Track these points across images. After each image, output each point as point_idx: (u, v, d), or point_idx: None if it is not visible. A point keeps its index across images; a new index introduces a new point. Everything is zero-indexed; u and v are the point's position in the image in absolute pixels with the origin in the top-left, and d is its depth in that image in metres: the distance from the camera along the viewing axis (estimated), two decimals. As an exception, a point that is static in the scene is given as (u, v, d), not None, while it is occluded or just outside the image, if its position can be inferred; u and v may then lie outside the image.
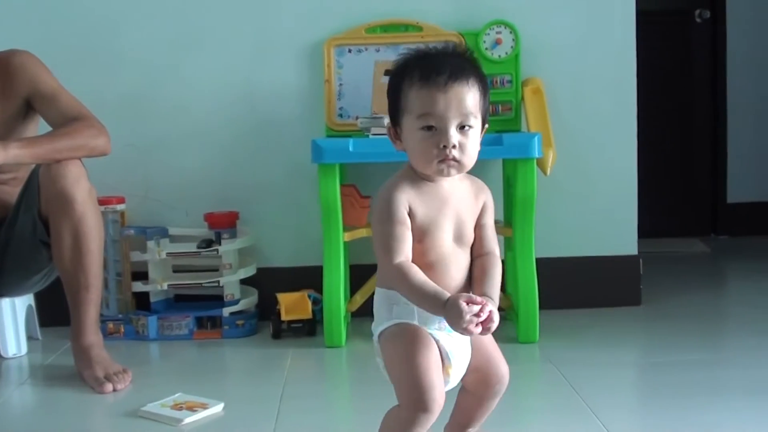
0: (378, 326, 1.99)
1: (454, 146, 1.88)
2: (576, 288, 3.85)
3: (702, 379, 2.87)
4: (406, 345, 1.92)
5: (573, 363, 3.08)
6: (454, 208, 1.96)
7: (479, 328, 1.83)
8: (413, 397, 1.89)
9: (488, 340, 2.06)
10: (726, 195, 5.78)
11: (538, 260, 3.38)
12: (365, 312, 2.14)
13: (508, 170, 3.58)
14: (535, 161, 3.31)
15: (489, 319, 1.84)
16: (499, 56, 3.68)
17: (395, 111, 1.94)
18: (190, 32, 3.81)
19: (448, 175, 1.92)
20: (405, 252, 1.89)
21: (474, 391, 2.09)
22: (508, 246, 3.60)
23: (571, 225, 3.86)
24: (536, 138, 3.29)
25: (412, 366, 1.89)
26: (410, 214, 1.91)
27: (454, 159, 1.89)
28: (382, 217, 1.92)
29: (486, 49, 3.68)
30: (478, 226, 2.01)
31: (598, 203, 3.87)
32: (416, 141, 1.89)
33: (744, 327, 3.59)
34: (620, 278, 3.88)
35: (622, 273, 3.88)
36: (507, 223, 3.56)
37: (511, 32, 3.68)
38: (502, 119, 3.67)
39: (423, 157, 1.90)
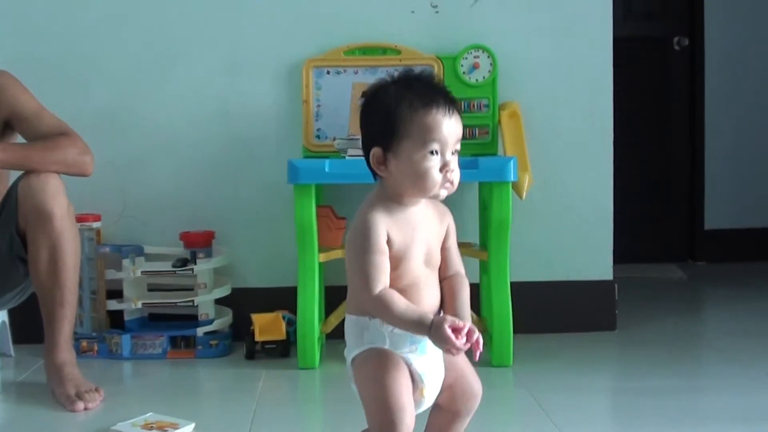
0: (350, 352, 2.00)
1: (453, 170, 1.92)
2: (551, 312, 3.85)
3: (676, 406, 2.87)
4: (376, 368, 1.92)
5: (546, 388, 3.07)
6: (423, 232, 1.98)
7: (462, 348, 1.85)
8: (383, 420, 1.89)
9: (461, 357, 2.06)
10: (704, 221, 5.80)
11: (513, 284, 3.38)
12: (339, 334, 2.13)
13: (483, 194, 3.59)
14: (510, 185, 3.32)
15: (478, 340, 1.86)
16: (477, 80, 3.69)
17: (389, 136, 1.93)
18: (168, 51, 3.81)
19: (442, 197, 1.95)
20: (384, 281, 1.90)
21: (447, 408, 2.09)
22: (483, 269, 3.60)
23: (546, 249, 3.87)
24: (512, 162, 3.30)
25: (382, 389, 1.90)
26: (388, 240, 1.92)
27: (451, 182, 1.93)
28: (361, 245, 1.92)
29: (463, 73, 3.69)
30: (444, 249, 2.03)
31: (573, 228, 3.88)
32: (420, 166, 1.90)
33: (719, 354, 3.59)
34: (595, 303, 3.89)
35: (597, 298, 3.89)
36: (482, 246, 3.56)
37: (488, 56, 3.69)
38: (479, 143, 3.68)
39: (426, 181, 1.91)
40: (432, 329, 1.85)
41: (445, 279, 2.02)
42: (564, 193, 3.86)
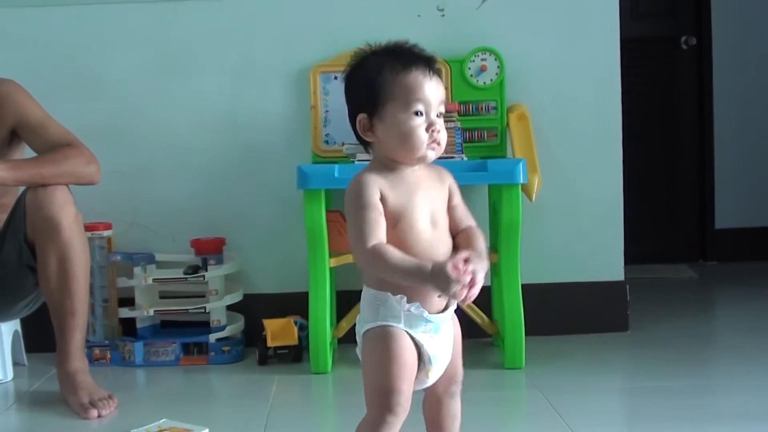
0: (364, 324, 2.01)
1: (439, 130, 1.95)
2: (562, 314, 3.85)
3: (688, 406, 2.86)
4: (384, 350, 1.94)
5: (559, 389, 3.07)
6: (425, 194, 1.99)
7: (467, 292, 1.85)
8: (380, 400, 1.93)
9: (458, 345, 2.09)
10: (714, 221, 5.79)
11: (524, 286, 3.38)
12: (352, 338, 2.14)
13: (493, 196, 3.59)
14: (520, 187, 3.32)
15: (473, 281, 1.86)
16: (484, 83, 3.70)
17: (373, 101, 1.96)
18: (176, 58, 3.82)
19: (431, 159, 1.97)
20: (378, 236, 1.91)
21: (430, 392, 2.12)
22: (493, 272, 3.60)
23: (557, 251, 3.87)
24: (521, 164, 3.30)
25: (385, 371, 1.93)
26: (382, 199, 1.94)
27: (438, 143, 1.95)
28: (353, 205, 1.94)
29: (471, 75, 3.69)
30: (450, 209, 2.04)
31: (584, 229, 3.88)
32: (406, 126, 1.93)
33: (731, 354, 3.58)
34: (607, 304, 3.88)
35: (608, 299, 3.89)
36: (492, 248, 3.56)
37: (496, 59, 3.70)
38: (488, 145, 3.69)
39: (412, 141, 1.93)
40: (433, 272, 1.85)
41: (457, 234, 2.04)
42: (574, 194, 3.86)
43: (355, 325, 2.06)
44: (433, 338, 1.97)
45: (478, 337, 3.66)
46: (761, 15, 5.75)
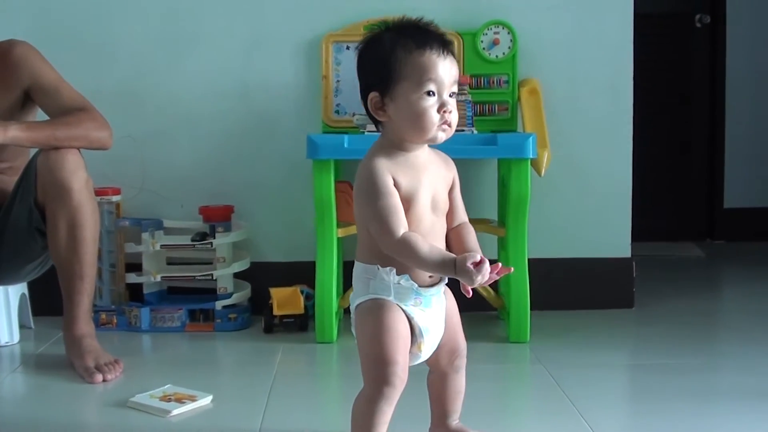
0: (355, 298, 2.04)
1: (450, 111, 1.95)
2: (568, 289, 3.86)
3: (692, 384, 2.87)
4: (376, 321, 1.97)
5: (563, 364, 3.09)
6: (429, 177, 2.00)
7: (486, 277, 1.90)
8: (376, 372, 1.95)
9: (456, 318, 2.13)
10: (723, 200, 5.79)
11: (530, 261, 3.39)
12: (357, 308, 2.15)
13: (502, 170, 3.59)
14: (529, 162, 3.31)
15: (497, 267, 1.91)
16: (497, 56, 3.69)
17: (386, 80, 1.96)
18: (188, 26, 3.81)
19: (441, 140, 1.97)
20: (403, 223, 1.93)
21: (435, 367, 2.14)
22: (501, 246, 3.60)
23: (564, 226, 3.87)
24: (531, 138, 3.29)
25: (379, 343, 1.95)
26: (395, 184, 1.95)
27: (449, 123, 1.96)
28: (370, 192, 1.95)
29: (483, 49, 3.68)
30: (450, 198, 2.06)
31: (592, 205, 3.87)
32: (417, 106, 1.93)
33: (736, 332, 3.59)
34: (613, 280, 3.89)
35: (615, 275, 3.89)
36: (500, 222, 3.56)
37: (509, 32, 3.69)
38: (498, 119, 3.68)
39: (424, 121, 1.94)
40: (457, 266, 1.87)
41: (451, 229, 2.06)
42: (583, 170, 3.86)
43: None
44: (424, 311, 1.99)
45: (483, 310, 3.67)
46: (776, -5, 5.73)
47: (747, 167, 5.76)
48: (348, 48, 3.70)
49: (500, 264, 1.92)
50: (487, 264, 1.87)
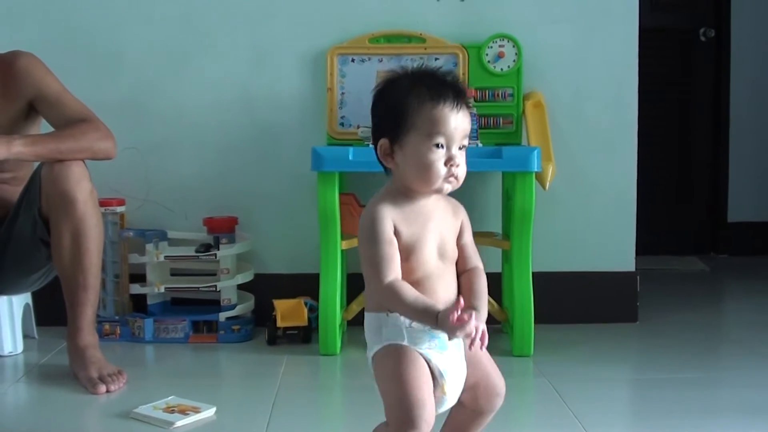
0: (371, 349, 2.00)
1: (458, 165, 1.92)
2: (572, 303, 3.85)
3: (695, 399, 2.87)
4: (394, 364, 1.93)
5: (566, 378, 3.08)
6: (436, 225, 1.98)
7: (478, 342, 1.85)
8: (401, 414, 1.89)
9: (485, 356, 2.07)
10: (726, 214, 5.78)
11: (534, 274, 3.39)
12: (360, 321, 2.14)
13: (507, 183, 3.59)
14: (534, 175, 3.32)
15: (482, 334, 1.86)
16: (502, 69, 3.69)
17: (396, 127, 1.94)
18: (193, 37, 3.82)
19: (446, 192, 1.96)
20: (395, 271, 1.91)
21: (470, 406, 2.09)
22: (505, 259, 3.61)
23: (569, 240, 3.87)
24: (536, 152, 3.30)
25: (401, 384, 1.90)
26: (396, 233, 1.93)
27: (455, 177, 1.93)
28: (369, 238, 1.93)
29: (488, 62, 3.69)
30: (460, 246, 2.03)
31: (596, 219, 3.87)
32: (425, 158, 1.91)
33: (740, 347, 3.58)
34: (617, 294, 3.88)
35: (619, 289, 3.89)
36: (505, 235, 3.56)
37: (513, 46, 3.69)
38: (503, 132, 3.69)
39: (430, 173, 1.91)
40: (439, 319, 1.84)
41: (463, 273, 2.03)
42: (587, 183, 3.86)
43: (364, 308, 2.06)
44: (441, 354, 1.95)
45: (487, 323, 3.65)
46: (781, 10, 5.74)
47: (751, 181, 5.76)
48: (353, 61, 3.70)
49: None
50: (472, 322, 1.83)
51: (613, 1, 3.83)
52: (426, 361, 1.94)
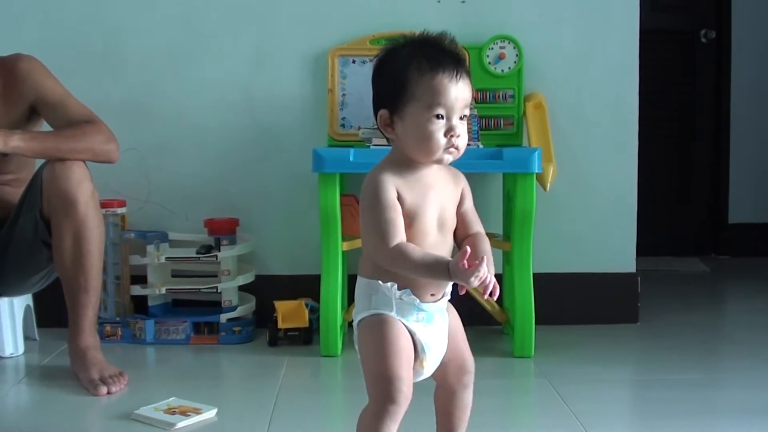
0: (358, 314, 2.02)
1: (459, 135, 1.92)
2: (573, 304, 3.86)
3: (696, 400, 2.87)
4: (379, 337, 1.95)
5: (567, 379, 3.08)
6: (437, 195, 1.98)
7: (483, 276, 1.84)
8: (380, 389, 1.92)
9: (460, 332, 2.10)
10: (727, 215, 5.78)
11: (535, 275, 3.38)
12: (361, 322, 2.14)
13: (507, 184, 3.59)
14: (534, 176, 3.32)
15: (494, 286, 1.87)
16: (502, 71, 3.69)
17: (396, 98, 1.94)
18: (194, 39, 3.82)
19: (447, 162, 1.96)
20: (400, 235, 1.91)
21: (442, 383, 2.11)
22: (506, 260, 3.61)
23: (569, 241, 3.87)
24: (536, 153, 3.30)
25: (383, 358, 1.93)
26: (399, 198, 1.93)
27: (456, 147, 1.93)
28: (372, 203, 1.93)
29: (489, 63, 3.69)
30: (460, 213, 2.04)
31: (597, 220, 3.88)
32: (424, 129, 1.90)
33: (741, 348, 3.58)
34: (618, 295, 3.88)
35: (619, 290, 3.89)
36: (505, 237, 3.57)
37: (514, 47, 3.69)
38: (504, 134, 3.69)
39: (430, 144, 1.91)
40: (451, 267, 1.85)
41: (465, 239, 2.02)
42: (588, 185, 3.86)
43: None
44: (426, 327, 1.97)
45: (488, 324, 3.67)
46: (781, 12, 5.74)
47: (752, 182, 5.77)
48: (354, 62, 3.71)
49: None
50: (484, 265, 1.83)
51: (613, 3, 3.83)
52: (411, 334, 1.96)
